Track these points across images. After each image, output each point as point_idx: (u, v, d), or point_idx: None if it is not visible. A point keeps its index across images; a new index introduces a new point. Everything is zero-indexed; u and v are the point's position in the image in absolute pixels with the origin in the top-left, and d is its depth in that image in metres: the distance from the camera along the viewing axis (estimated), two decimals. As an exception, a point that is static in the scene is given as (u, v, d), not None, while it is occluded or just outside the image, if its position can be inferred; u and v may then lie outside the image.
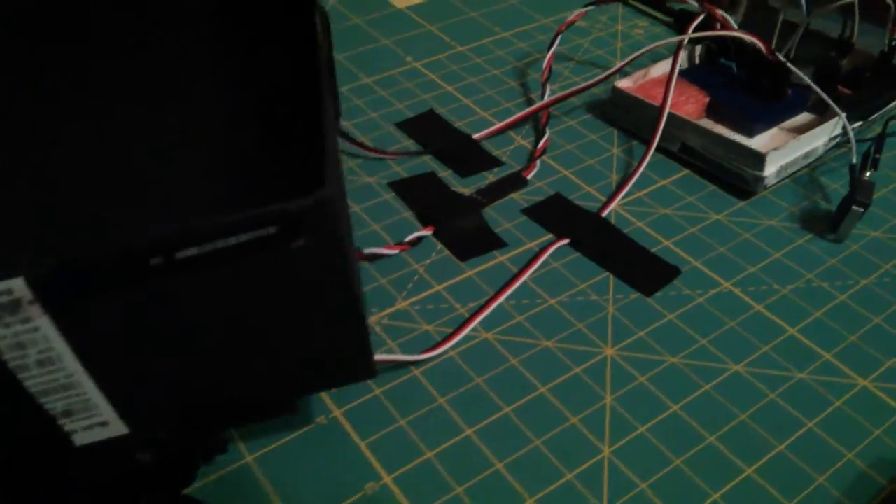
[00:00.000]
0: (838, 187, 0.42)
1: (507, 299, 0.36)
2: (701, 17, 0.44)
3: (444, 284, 0.37)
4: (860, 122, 0.44)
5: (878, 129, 0.42)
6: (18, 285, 0.21)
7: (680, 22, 0.53)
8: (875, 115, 0.45)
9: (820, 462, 0.30)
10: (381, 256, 0.38)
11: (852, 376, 0.33)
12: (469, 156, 0.44)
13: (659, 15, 0.55)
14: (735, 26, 0.44)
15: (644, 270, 0.37)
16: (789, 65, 0.43)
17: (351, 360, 0.26)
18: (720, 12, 0.44)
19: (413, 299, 0.36)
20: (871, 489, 0.29)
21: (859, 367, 0.33)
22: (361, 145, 0.43)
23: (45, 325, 0.22)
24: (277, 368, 0.26)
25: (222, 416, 0.29)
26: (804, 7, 0.43)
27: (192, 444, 0.29)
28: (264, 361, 0.26)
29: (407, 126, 0.46)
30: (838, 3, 0.43)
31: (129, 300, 0.23)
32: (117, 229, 0.24)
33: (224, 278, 0.23)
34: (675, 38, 0.44)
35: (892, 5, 0.44)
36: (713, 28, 0.45)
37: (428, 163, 0.43)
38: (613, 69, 0.45)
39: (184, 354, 0.25)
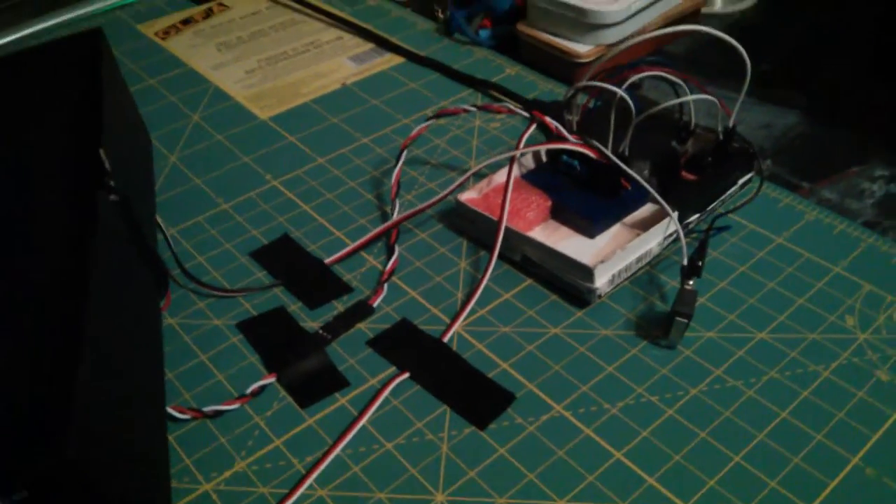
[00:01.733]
0: (677, 284, 0.43)
1: (345, 448, 0.37)
2: (532, 128, 0.45)
3: (284, 437, 0.37)
4: (696, 216, 0.45)
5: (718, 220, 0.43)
6: None
7: (532, 110, 0.54)
8: (712, 205, 0.46)
9: None
10: (223, 413, 0.38)
11: (674, 501, 0.34)
12: (319, 284, 0.44)
13: (512, 104, 0.56)
14: (566, 133, 0.45)
15: (479, 400, 0.38)
16: (621, 164, 0.44)
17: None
18: (552, 122, 0.45)
19: (252, 458, 0.36)
20: None
21: (681, 491, 0.34)
22: (207, 286, 0.44)
23: None
24: None
25: None
26: (633, 108, 0.44)
27: None
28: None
29: (260, 255, 0.47)
30: (661, 107, 0.44)
31: None
32: None
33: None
34: (506, 154, 0.45)
35: (718, 101, 0.45)
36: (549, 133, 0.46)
37: (279, 295, 0.44)
38: (451, 187, 0.46)
39: None
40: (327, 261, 0.46)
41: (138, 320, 0.35)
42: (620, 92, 0.44)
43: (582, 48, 0.57)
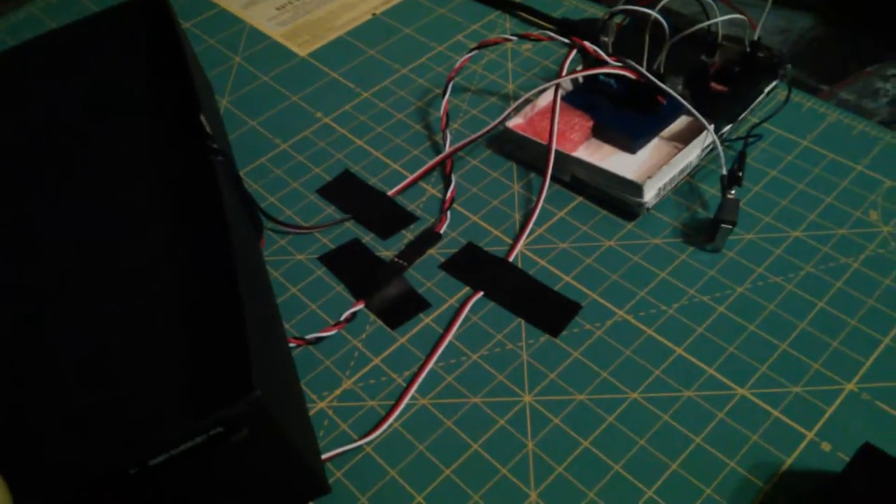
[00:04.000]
0: (715, 192, 0.47)
1: (437, 361, 0.41)
2: (573, 54, 0.48)
3: (381, 356, 0.42)
4: (729, 126, 0.49)
5: (753, 121, 0.46)
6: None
7: (563, 29, 0.57)
8: (743, 114, 0.50)
9: (707, 474, 0.36)
10: (323, 339, 0.43)
11: (732, 387, 0.39)
12: (387, 215, 0.48)
13: (544, 25, 0.59)
14: (605, 56, 0.48)
15: (550, 311, 0.43)
16: (658, 82, 0.47)
17: (305, 490, 0.32)
18: (591, 46, 0.48)
19: (356, 376, 0.41)
20: (751, 493, 0.36)
21: (737, 377, 0.39)
22: (284, 224, 0.48)
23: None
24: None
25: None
26: (666, 28, 0.47)
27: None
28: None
29: (327, 192, 0.50)
30: (695, 28, 0.47)
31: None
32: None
33: (197, 464, 0.28)
34: (552, 83, 0.48)
35: (746, 18, 0.48)
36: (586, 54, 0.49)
37: (351, 229, 0.48)
38: (501, 116, 0.49)
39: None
40: (390, 192, 0.49)
41: (256, 261, 0.39)
42: (654, 14, 0.47)
43: (603, -35, 0.59)
